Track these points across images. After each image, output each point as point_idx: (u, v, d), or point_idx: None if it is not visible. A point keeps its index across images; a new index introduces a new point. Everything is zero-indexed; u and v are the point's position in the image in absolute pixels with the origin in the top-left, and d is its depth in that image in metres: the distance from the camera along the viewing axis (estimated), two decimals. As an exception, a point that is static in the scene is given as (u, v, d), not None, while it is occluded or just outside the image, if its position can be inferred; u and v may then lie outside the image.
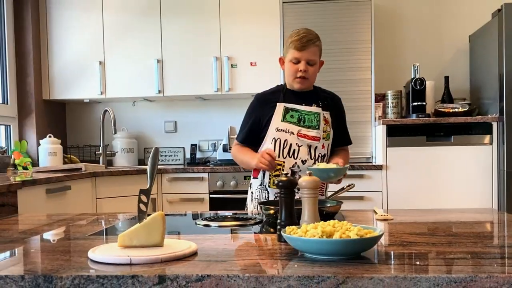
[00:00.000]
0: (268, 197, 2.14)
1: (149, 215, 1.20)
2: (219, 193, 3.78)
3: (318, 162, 2.10)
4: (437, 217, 1.72)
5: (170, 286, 0.96)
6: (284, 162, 2.08)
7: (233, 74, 4.03)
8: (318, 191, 1.32)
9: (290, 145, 2.09)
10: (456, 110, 3.73)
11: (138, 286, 0.97)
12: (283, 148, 2.09)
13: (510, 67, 3.43)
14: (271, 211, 1.57)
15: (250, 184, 2.25)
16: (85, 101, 4.42)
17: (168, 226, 1.23)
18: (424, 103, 3.73)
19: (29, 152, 4.04)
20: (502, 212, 1.91)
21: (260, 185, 2.16)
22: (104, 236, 1.49)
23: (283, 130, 2.09)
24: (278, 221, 1.30)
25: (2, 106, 3.99)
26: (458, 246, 1.20)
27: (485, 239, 1.32)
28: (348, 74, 3.81)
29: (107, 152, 4.23)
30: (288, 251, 1.16)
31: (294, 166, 2.08)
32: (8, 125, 4.08)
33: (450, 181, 3.53)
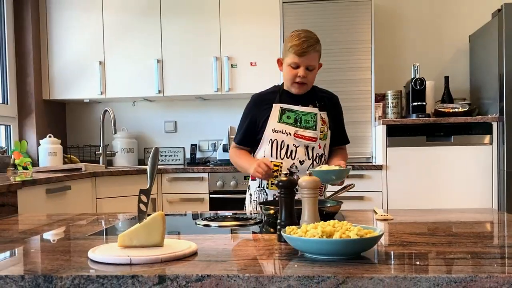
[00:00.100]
0: (266, 198, 2.13)
1: (149, 215, 1.20)
2: (219, 193, 3.78)
3: (316, 162, 2.09)
4: (437, 217, 1.72)
5: (170, 286, 0.96)
6: (281, 164, 2.08)
7: (233, 74, 4.03)
8: (318, 191, 1.32)
9: (287, 146, 2.08)
10: (456, 110, 3.73)
11: (138, 286, 0.97)
12: (280, 149, 2.08)
13: (510, 67, 3.43)
14: (271, 211, 1.57)
15: (248, 186, 2.25)
16: (85, 101, 4.42)
17: (168, 226, 1.23)
18: (424, 103, 3.73)
19: (29, 152, 4.04)
20: (502, 212, 1.91)
21: (258, 187, 2.16)
22: (104, 236, 1.49)
23: (280, 131, 2.08)
24: (278, 221, 1.30)
25: (2, 106, 3.99)
26: (458, 246, 1.20)
27: (485, 239, 1.32)
28: (348, 74, 3.81)
29: (107, 152, 4.23)
30: (288, 251, 1.16)
31: (292, 167, 2.08)
32: (8, 125, 4.08)
33: (450, 181, 3.53)
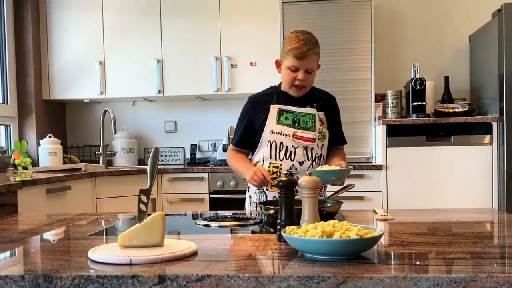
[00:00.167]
0: (266, 200, 2.13)
1: (149, 215, 1.20)
2: (219, 193, 3.78)
3: (315, 163, 2.09)
4: (437, 217, 1.72)
5: (170, 286, 0.96)
6: (281, 165, 2.07)
7: (233, 74, 4.03)
8: (318, 191, 1.31)
9: (286, 147, 2.07)
10: (456, 110, 3.73)
11: (138, 286, 0.97)
12: (279, 150, 2.08)
13: (510, 67, 3.43)
14: (271, 211, 1.57)
15: (248, 187, 2.24)
16: (85, 101, 4.42)
17: (168, 226, 1.23)
18: (424, 103, 3.73)
19: (29, 152, 4.04)
20: (502, 212, 1.91)
21: (258, 188, 2.15)
22: (104, 236, 1.49)
23: (278, 133, 2.08)
24: (278, 221, 1.30)
25: (2, 106, 3.99)
26: (458, 246, 1.20)
27: (485, 239, 1.32)
28: (348, 74, 3.81)
29: (107, 152, 4.23)
30: (288, 251, 1.16)
31: (292, 168, 2.07)
32: (8, 125, 4.08)
33: (450, 181, 3.53)
